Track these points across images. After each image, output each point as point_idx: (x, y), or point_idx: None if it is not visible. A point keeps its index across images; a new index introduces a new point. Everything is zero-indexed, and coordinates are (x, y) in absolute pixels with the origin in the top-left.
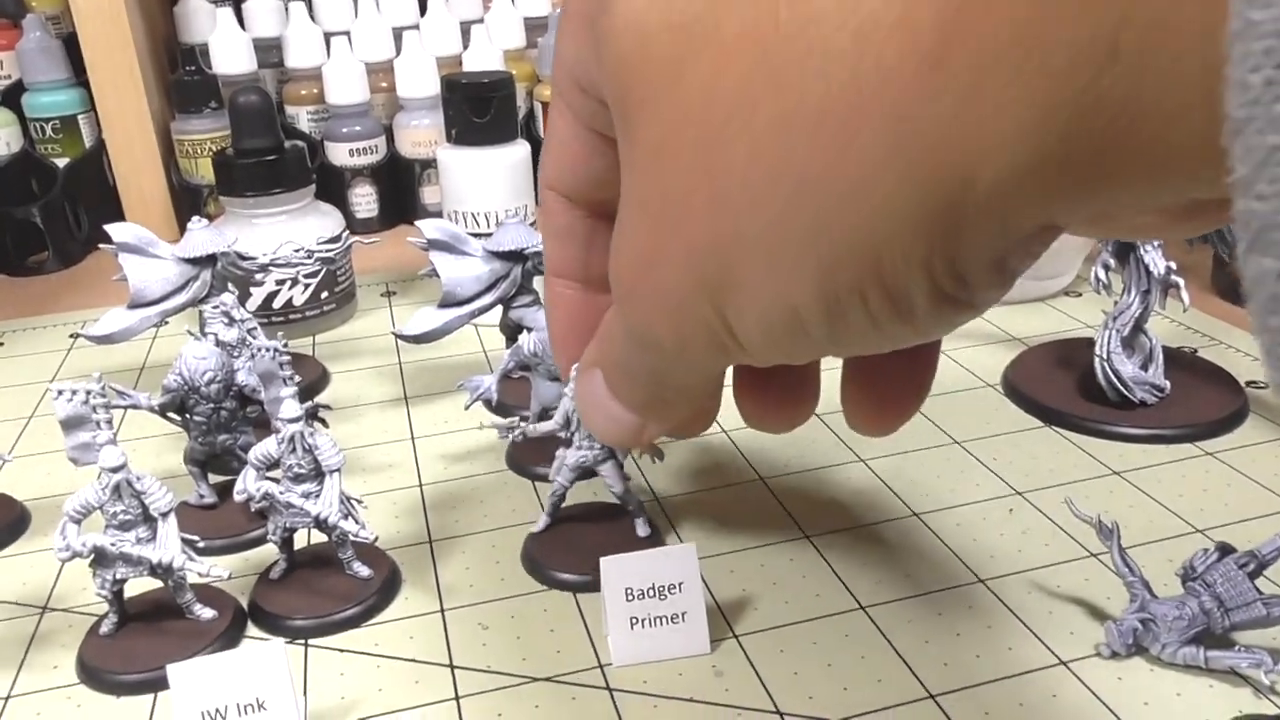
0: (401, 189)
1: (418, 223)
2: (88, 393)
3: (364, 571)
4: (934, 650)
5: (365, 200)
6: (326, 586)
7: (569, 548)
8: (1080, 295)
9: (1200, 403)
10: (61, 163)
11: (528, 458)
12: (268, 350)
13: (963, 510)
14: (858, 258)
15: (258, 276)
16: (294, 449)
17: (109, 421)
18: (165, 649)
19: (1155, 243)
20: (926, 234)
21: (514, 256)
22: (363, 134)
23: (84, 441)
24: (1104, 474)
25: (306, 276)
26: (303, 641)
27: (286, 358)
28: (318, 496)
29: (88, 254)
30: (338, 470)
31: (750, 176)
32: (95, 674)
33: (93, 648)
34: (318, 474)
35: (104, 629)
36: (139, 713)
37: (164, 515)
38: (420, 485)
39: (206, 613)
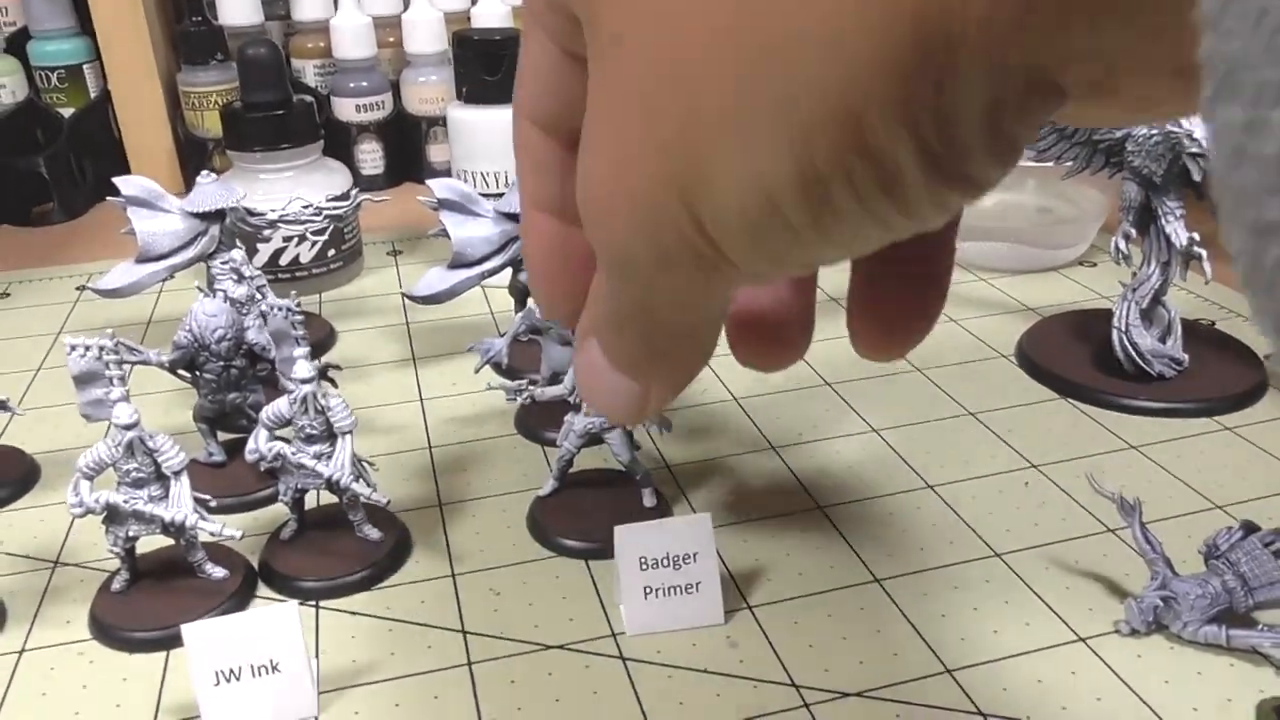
0: (408, 146)
1: (428, 181)
2: (101, 348)
3: (374, 534)
4: (950, 625)
5: (371, 157)
6: (337, 548)
7: (576, 514)
8: (1095, 265)
9: (1219, 376)
10: (66, 113)
11: (537, 422)
12: (280, 309)
13: (978, 483)
14: (836, 122)
15: (265, 233)
16: (306, 410)
17: (122, 378)
18: (177, 607)
19: (1178, 213)
20: (907, 84)
21: None
22: (370, 90)
23: (96, 398)
24: (1121, 448)
25: (314, 234)
26: (313, 603)
27: (299, 317)
28: (329, 458)
29: (93, 206)
30: (350, 432)
31: (712, 47)
32: (107, 630)
33: (105, 604)
34: (329, 435)
35: (116, 585)
36: (151, 670)
37: (176, 474)
38: (430, 447)
39: (218, 572)
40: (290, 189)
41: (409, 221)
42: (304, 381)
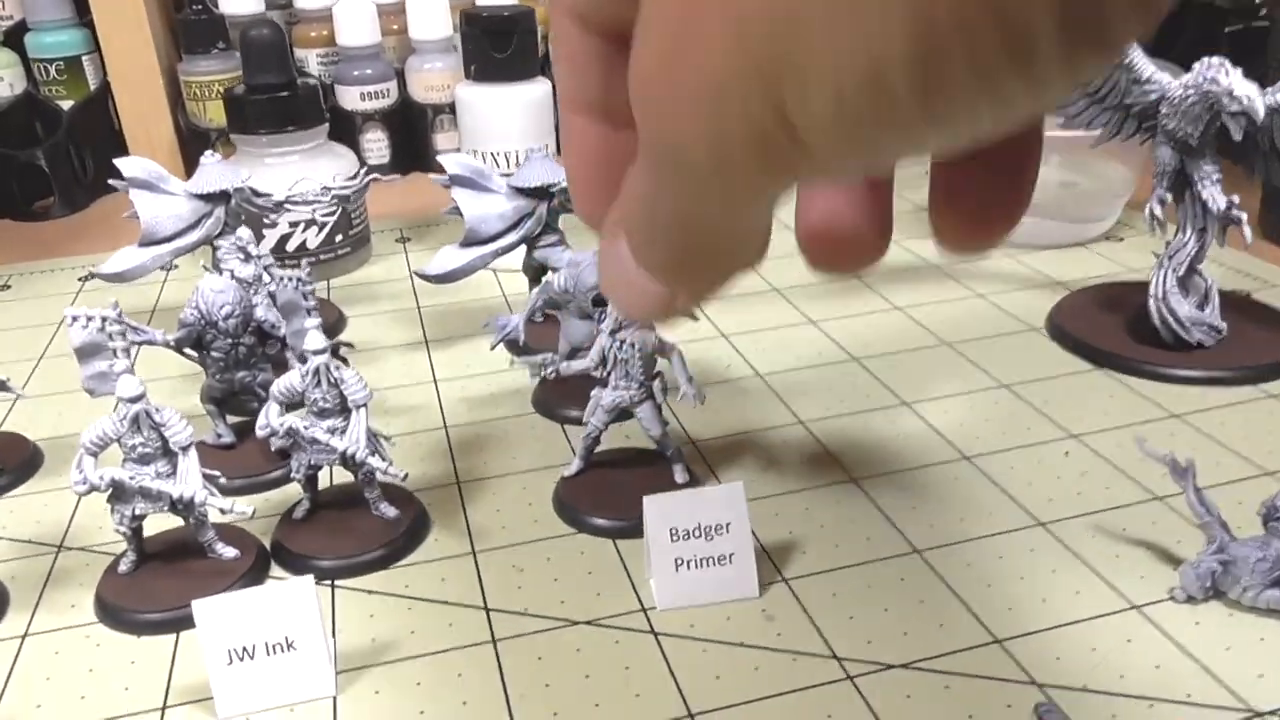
0: (414, 134)
1: (439, 157)
2: (104, 319)
3: (391, 512)
4: (997, 594)
5: (377, 146)
6: (352, 527)
7: (603, 492)
8: (1122, 240)
9: (1259, 345)
10: (66, 105)
11: (556, 400)
12: (290, 280)
13: (1015, 454)
14: None
15: (271, 217)
16: (319, 383)
17: (126, 350)
18: (186, 588)
19: (1214, 177)
20: None
21: (539, 193)
22: (374, 77)
23: (100, 371)
24: (1162, 417)
25: (323, 215)
26: (329, 582)
27: (310, 288)
28: (343, 433)
29: (94, 199)
30: (364, 405)
31: None
32: (114, 612)
33: (111, 586)
34: (343, 409)
35: (122, 567)
36: (161, 652)
37: (184, 449)
38: (445, 427)
39: (229, 551)
40: (296, 174)
41: (417, 209)
42: (316, 353)
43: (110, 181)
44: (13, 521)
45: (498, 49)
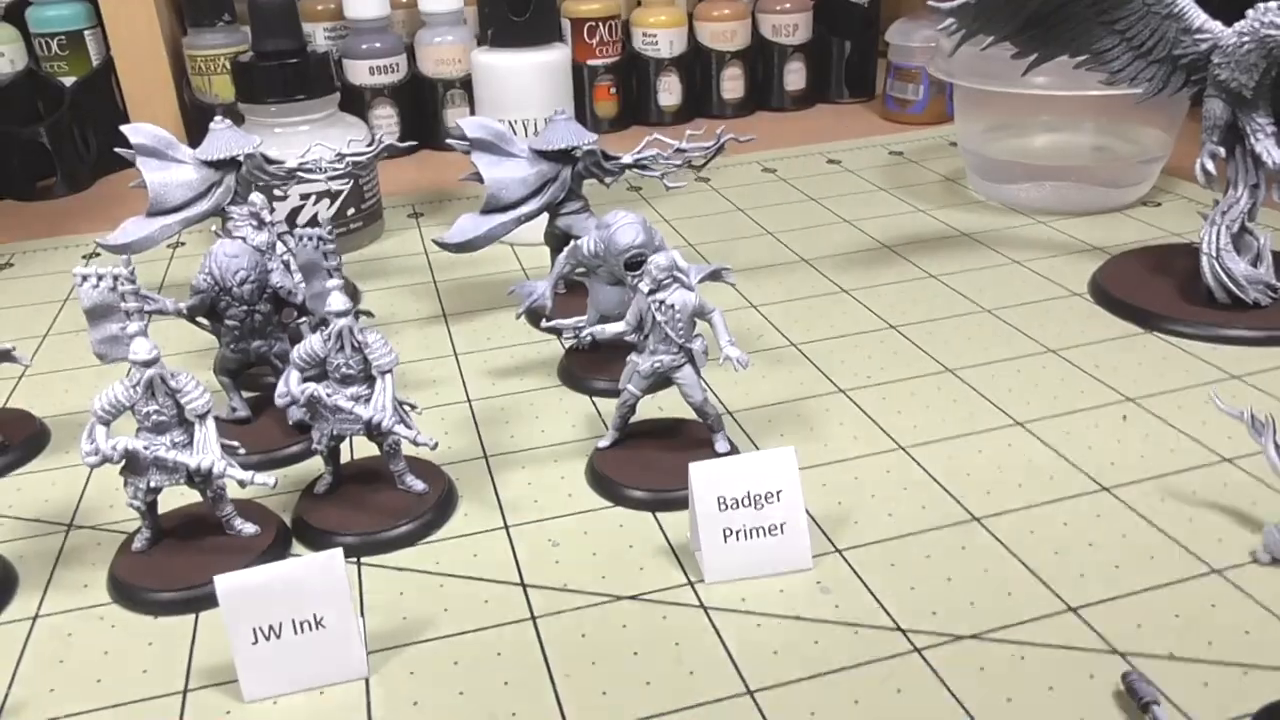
0: (424, 110)
1: (458, 120)
2: (115, 278)
3: (418, 485)
4: (1066, 561)
5: (386, 122)
6: (378, 502)
7: (640, 464)
8: (1160, 204)
9: None
10: (68, 81)
11: (582, 371)
12: (310, 239)
13: (1070, 418)
14: None
15: (283, 187)
16: (342, 347)
17: (139, 311)
18: (205, 566)
19: (1268, 129)
20: None
21: (563, 157)
22: (383, 51)
23: (111, 334)
24: (1222, 378)
25: (336, 181)
26: (355, 560)
27: (331, 246)
28: (368, 401)
29: (98, 178)
30: (390, 371)
31: None
32: (129, 592)
33: (126, 565)
34: (367, 376)
35: (137, 545)
36: (180, 633)
37: (201, 417)
38: (469, 400)
39: (248, 528)
40: (306, 144)
41: (429, 184)
42: (339, 315)
43: (117, 149)
44: (20, 500)
45: (516, 11)
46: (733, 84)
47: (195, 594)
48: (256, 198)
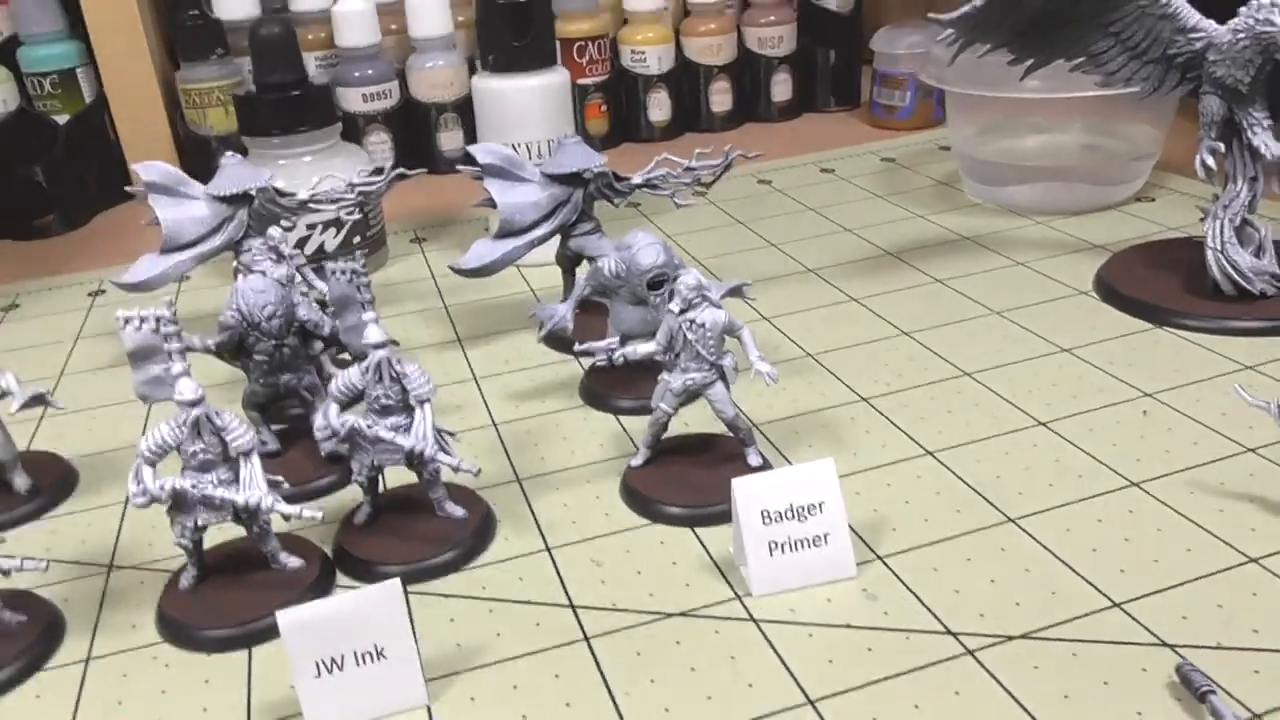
0: (418, 135)
1: (469, 147)
2: (158, 319)
3: (458, 512)
4: (1104, 558)
5: (380, 148)
6: (418, 530)
7: (674, 481)
8: (1154, 200)
9: None
10: (62, 119)
11: (605, 391)
12: (343, 272)
13: (1091, 416)
14: None
15: (292, 219)
16: (380, 378)
17: (182, 352)
18: (254, 601)
19: (1265, 123)
20: None
21: (574, 179)
22: (375, 78)
23: (154, 375)
24: (1236, 369)
25: (346, 213)
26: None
27: (365, 280)
28: (407, 430)
29: (95, 214)
30: (429, 400)
31: None
32: (180, 631)
33: (174, 603)
34: (405, 406)
35: (184, 583)
36: (235, 669)
37: (246, 454)
38: (495, 424)
39: (293, 561)
40: (309, 175)
41: (427, 208)
42: (377, 347)
43: (128, 188)
44: (57, 542)
45: (518, 35)
46: (721, 97)
47: (248, 630)
48: (275, 231)
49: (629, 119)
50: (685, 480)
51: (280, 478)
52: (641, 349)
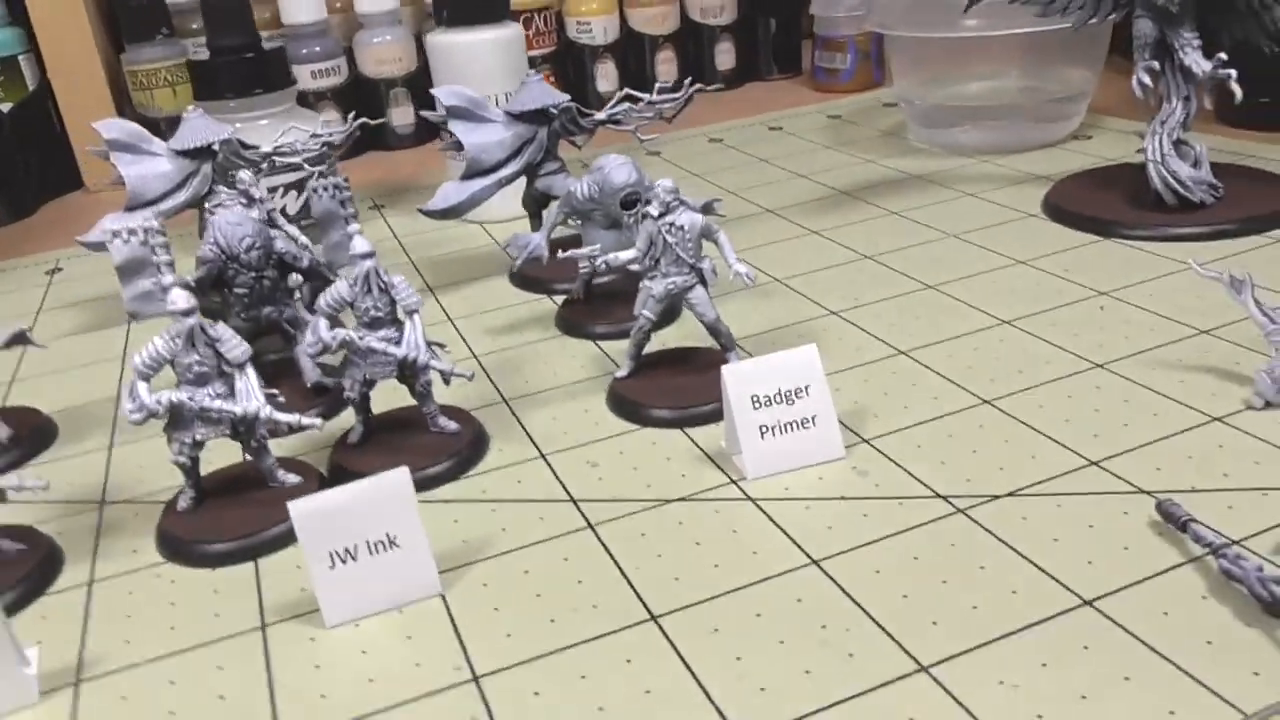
0: (368, 111)
1: (432, 90)
2: (146, 231)
3: (452, 426)
4: (1077, 427)
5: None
6: (413, 444)
7: (660, 387)
8: (1090, 138)
9: (1256, 199)
10: (4, 107)
11: (580, 319)
12: (326, 189)
13: (1053, 314)
14: None
15: (259, 171)
16: (369, 289)
17: (171, 264)
18: (254, 517)
19: (1195, 43)
20: None
21: (539, 117)
22: (323, 54)
23: (144, 290)
24: (1182, 269)
25: (311, 162)
26: None
27: (348, 194)
28: (398, 343)
29: (41, 203)
30: (417, 310)
31: None
32: (182, 548)
33: (173, 524)
34: (394, 318)
35: (182, 504)
36: (243, 578)
37: (241, 365)
38: (475, 356)
39: (291, 478)
40: (267, 138)
41: (381, 180)
42: (365, 256)
43: (88, 148)
44: (55, 482)
45: None
46: (666, 66)
47: (251, 542)
48: (246, 175)
49: (576, 89)
50: (670, 386)
51: (275, 390)
52: (623, 256)
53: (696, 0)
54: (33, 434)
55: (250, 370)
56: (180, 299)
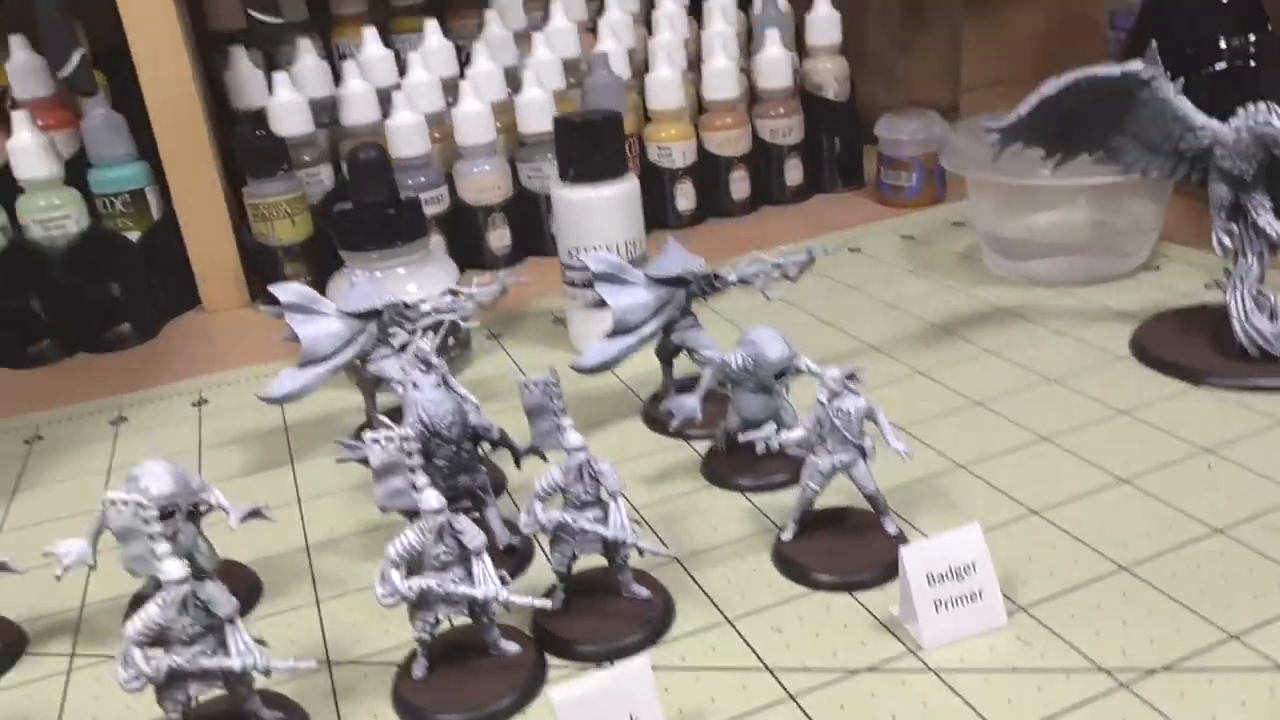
0: (469, 235)
1: (582, 256)
2: (403, 439)
3: (644, 593)
4: (1212, 597)
5: (437, 248)
6: (610, 610)
7: (825, 551)
8: (1159, 268)
9: None
10: (132, 236)
11: (726, 471)
12: (537, 384)
13: (1164, 472)
14: None
15: (415, 327)
16: (581, 477)
17: (424, 468)
18: (486, 685)
19: (1267, 205)
20: None
21: (677, 281)
22: (428, 184)
23: (396, 488)
24: (1276, 426)
25: (464, 320)
26: (608, 663)
27: (557, 390)
28: (602, 522)
29: (164, 324)
30: (620, 493)
31: None
32: (423, 717)
33: (411, 692)
34: (598, 501)
35: (417, 672)
36: None
37: (478, 553)
38: (635, 509)
39: (512, 647)
40: (404, 284)
41: (499, 307)
42: (578, 450)
43: (262, 308)
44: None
45: (594, 151)
46: (740, 184)
47: (484, 713)
48: (423, 343)
49: (659, 208)
50: (834, 549)
51: (504, 572)
52: (793, 436)
53: (767, 123)
54: (243, 591)
55: (486, 557)
56: (433, 499)
